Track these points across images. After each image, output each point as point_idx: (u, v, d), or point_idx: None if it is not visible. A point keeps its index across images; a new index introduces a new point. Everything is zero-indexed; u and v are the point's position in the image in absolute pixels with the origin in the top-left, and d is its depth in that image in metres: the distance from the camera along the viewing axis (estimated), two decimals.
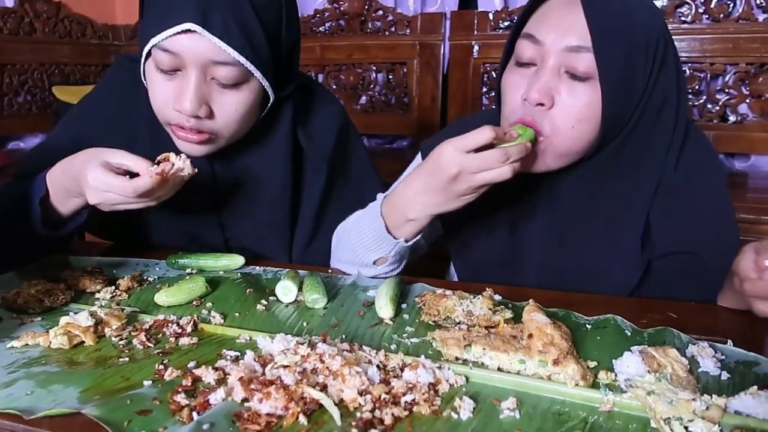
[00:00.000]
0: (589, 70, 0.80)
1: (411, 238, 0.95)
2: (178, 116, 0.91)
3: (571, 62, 0.80)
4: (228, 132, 0.96)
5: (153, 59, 0.90)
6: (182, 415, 0.60)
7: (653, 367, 0.66)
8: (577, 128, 0.82)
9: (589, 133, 0.83)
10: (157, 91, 0.93)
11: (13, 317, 0.85)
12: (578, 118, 0.81)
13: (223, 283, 0.96)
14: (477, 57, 2.28)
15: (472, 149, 0.80)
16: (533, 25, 0.85)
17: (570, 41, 0.80)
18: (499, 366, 0.69)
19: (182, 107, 0.89)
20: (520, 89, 0.85)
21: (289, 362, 0.65)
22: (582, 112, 0.81)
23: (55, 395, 0.64)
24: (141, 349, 0.75)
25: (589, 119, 0.81)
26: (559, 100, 0.82)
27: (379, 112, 2.52)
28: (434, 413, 0.60)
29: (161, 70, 0.90)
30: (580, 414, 0.61)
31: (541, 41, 0.82)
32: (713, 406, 0.58)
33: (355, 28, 2.49)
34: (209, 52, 0.87)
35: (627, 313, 0.81)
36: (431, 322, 0.81)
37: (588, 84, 0.81)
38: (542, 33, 0.83)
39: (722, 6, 1.93)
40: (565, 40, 0.80)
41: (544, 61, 0.82)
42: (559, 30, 0.81)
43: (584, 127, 0.82)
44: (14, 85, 2.47)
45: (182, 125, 0.92)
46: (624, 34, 0.81)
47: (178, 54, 0.87)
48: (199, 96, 0.89)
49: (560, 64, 0.81)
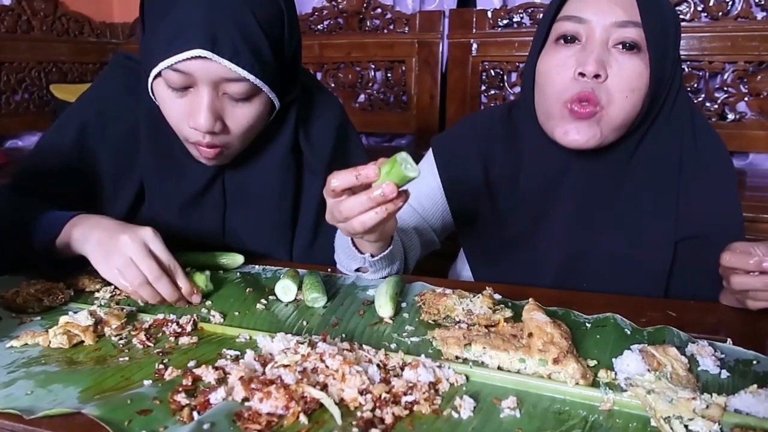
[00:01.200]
0: (636, 42, 0.83)
1: (377, 252, 0.92)
2: (195, 133, 0.92)
3: (620, 36, 0.83)
4: (239, 142, 0.97)
5: (163, 79, 0.90)
6: (183, 414, 0.59)
7: (653, 366, 0.66)
8: (630, 98, 0.84)
9: (638, 104, 0.85)
10: (170, 109, 0.93)
11: (13, 316, 0.85)
12: (631, 87, 0.84)
13: (222, 282, 0.95)
14: (476, 55, 2.28)
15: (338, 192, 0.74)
16: (573, 7, 0.87)
17: (618, 17, 0.83)
18: (499, 365, 0.69)
19: (197, 124, 0.89)
20: (569, 66, 0.86)
21: (290, 361, 0.65)
22: (634, 81, 0.84)
23: (54, 395, 0.64)
24: (141, 348, 0.75)
25: (640, 89, 0.84)
26: (611, 72, 0.84)
27: (378, 111, 2.52)
28: (435, 412, 0.60)
29: (172, 89, 0.90)
30: (581, 413, 0.61)
31: (586, 20, 0.85)
32: (713, 404, 0.58)
33: (354, 26, 2.49)
34: (220, 72, 0.87)
35: (627, 312, 0.81)
36: (431, 321, 0.81)
37: (636, 56, 0.84)
38: (586, 13, 0.85)
39: (721, 4, 1.93)
40: (611, 17, 0.83)
41: (590, 38, 0.85)
42: (602, 8, 0.83)
43: (636, 97, 0.84)
44: (12, 84, 2.46)
45: (199, 142, 0.93)
46: (661, 12, 0.86)
47: (189, 74, 0.87)
48: (213, 112, 0.89)
49: (608, 38, 0.84)
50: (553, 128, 0.89)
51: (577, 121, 0.86)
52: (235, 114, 0.92)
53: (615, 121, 0.86)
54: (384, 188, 0.70)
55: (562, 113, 0.87)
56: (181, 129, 0.94)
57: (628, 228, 0.95)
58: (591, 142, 0.87)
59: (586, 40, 0.85)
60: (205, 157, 0.96)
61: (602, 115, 0.85)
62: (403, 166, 0.71)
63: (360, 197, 0.71)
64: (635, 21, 0.83)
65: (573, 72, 0.85)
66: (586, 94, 0.84)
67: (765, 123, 1.95)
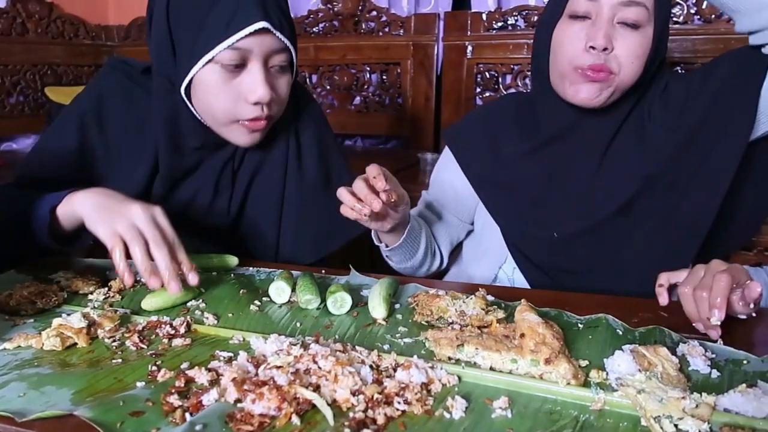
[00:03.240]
0: (638, 19, 0.95)
1: (391, 243, 1.08)
2: (253, 109, 0.98)
3: (624, 14, 0.95)
4: (278, 114, 1.05)
5: (217, 61, 0.95)
6: (175, 416, 0.60)
7: (644, 366, 0.67)
8: (635, 63, 0.97)
9: (640, 69, 0.98)
10: (222, 92, 0.97)
11: (6, 319, 0.85)
12: (636, 55, 0.96)
13: (216, 283, 0.96)
14: (470, 57, 2.28)
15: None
16: None
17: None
18: (491, 365, 0.69)
19: (260, 96, 0.96)
20: (580, 39, 0.98)
21: (282, 363, 0.66)
22: (636, 50, 0.96)
23: (47, 397, 0.64)
24: (134, 350, 0.75)
25: (642, 56, 0.97)
26: (616, 44, 0.96)
27: (373, 113, 2.52)
28: (427, 413, 0.61)
29: (227, 69, 0.96)
30: (572, 413, 0.61)
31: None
32: (703, 404, 0.58)
33: (349, 29, 2.49)
34: (273, 44, 0.96)
35: (618, 312, 0.82)
36: (424, 322, 0.81)
37: (637, 31, 0.96)
38: None
39: (713, 7, 1.94)
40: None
41: (599, 15, 0.96)
42: None
43: (639, 63, 0.97)
44: (6, 86, 2.46)
45: (258, 117, 0.99)
46: None
47: (246, 50, 0.94)
48: (269, 83, 0.98)
49: (613, 16, 0.96)
50: (565, 88, 1.01)
51: (589, 83, 0.97)
52: (279, 84, 1.01)
53: (624, 83, 0.98)
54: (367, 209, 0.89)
55: (573, 75, 0.99)
56: (236, 110, 0.99)
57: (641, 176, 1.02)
58: (598, 100, 0.99)
59: (596, 17, 0.96)
60: (256, 131, 1.02)
61: (615, 80, 0.97)
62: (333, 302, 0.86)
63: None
64: (639, 1, 0.94)
65: (584, 44, 0.97)
66: (599, 65, 0.96)
67: None
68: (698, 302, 0.77)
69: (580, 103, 0.99)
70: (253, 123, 1.00)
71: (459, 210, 1.21)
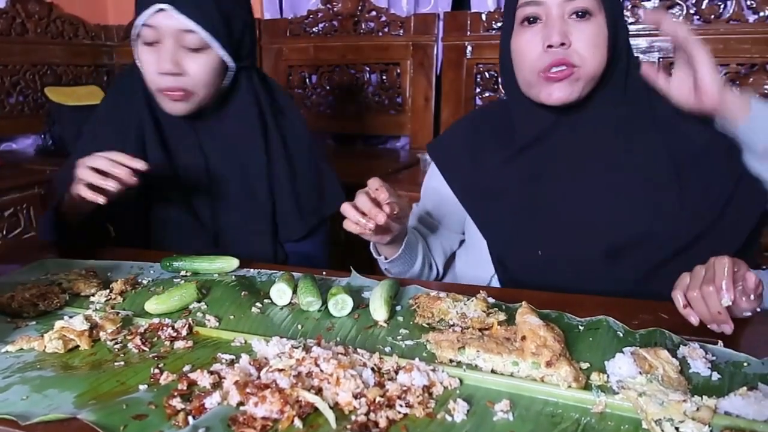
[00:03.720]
0: (588, 6, 0.95)
1: (389, 256, 1.08)
2: (164, 79, 1.12)
3: (573, 7, 0.95)
4: (199, 89, 1.15)
5: (140, 36, 1.13)
6: (178, 419, 0.60)
7: (645, 369, 0.67)
8: (595, 53, 0.97)
9: (603, 57, 0.98)
10: (146, 63, 1.14)
11: (8, 321, 0.85)
12: (594, 44, 0.96)
13: (217, 285, 0.96)
14: (470, 57, 2.28)
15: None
16: None
17: None
18: (492, 368, 0.69)
19: (163, 68, 1.11)
20: (536, 43, 0.98)
21: (285, 366, 0.66)
22: (593, 40, 0.96)
23: (50, 400, 0.64)
24: (136, 352, 0.75)
25: (601, 45, 0.97)
26: (573, 38, 0.96)
27: (373, 113, 2.52)
28: (428, 416, 0.61)
29: (146, 44, 1.13)
30: (573, 415, 0.62)
31: (541, 1, 0.97)
32: (703, 407, 0.58)
33: (349, 29, 2.49)
34: (178, 24, 1.10)
35: (619, 314, 0.82)
36: (425, 324, 0.82)
37: (590, 21, 0.96)
38: None
39: (713, 7, 1.95)
40: None
41: (549, 15, 0.97)
42: None
43: (599, 52, 0.97)
44: (6, 86, 2.46)
45: (168, 87, 1.13)
46: None
47: (156, 27, 1.10)
48: (174, 58, 1.11)
49: (562, 12, 0.96)
50: (537, 94, 1.00)
51: (556, 83, 0.97)
52: (191, 62, 1.13)
53: (590, 72, 0.98)
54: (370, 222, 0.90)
55: (539, 81, 0.98)
56: (155, 80, 1.14)
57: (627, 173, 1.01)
58: (573, 95, 0.98)
59: (546, 18, 0.97)
60: (173, 100, 1.15)
61: (579, 73, 0.97)
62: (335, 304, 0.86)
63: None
64: None
65: (542, 46, 0.97)
66: (560, 59, 0.96)
67: None
68: (706, 298, 0.76)
69: (556, 104, 0.99)
70: (169, 93, 1.14)
71: (449, 221, 1.20)
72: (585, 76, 0.97)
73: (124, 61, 2.89)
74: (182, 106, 1.16)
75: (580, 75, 0.97)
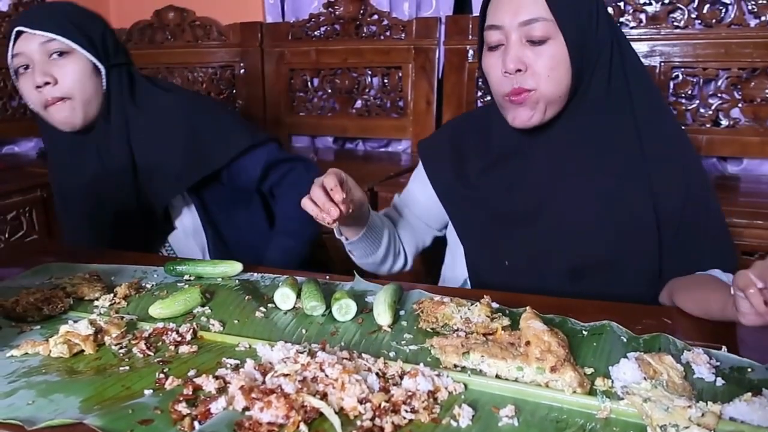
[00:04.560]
0: (543, 34, 0.95)
1: (351, 237, 1.09)
2: (40, 95, 1.21)
3: (528, 32, 0.96)
4: (75, 93, 1.23)
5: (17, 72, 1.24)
6: (184, 424, 0.60)
7: (649, 374, 0.67)
8: (553, 75, 0.97)
9: (563, 77, 0.98)
10: (25, 91, 1.25)
11: (12, 325, 0.85)
12: (550, 67, 0.96)
13: (221, 290, 0.96)
14: (472, 61, 2.28)
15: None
16: (491, 16, 1.00)
17: (522, 17, 0.96)
18: (497, 373, 0.69)
19: (37, 81, 1.20)
20: (498, 67, 0.99)
21: (290, 371, 0.66)
22: (549, 63, 0.96)
23: (56, 405, 0.64)
24: (141, 357, 0.76)
25: (558, 67, 0.97)
26: (529, 62, 0.97)
27: (375, 116, 2.52)
28: (434, 421, 0.61)
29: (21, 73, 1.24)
30: (578, 421, 0.62)
31: (501, 25, 0.98)
32: (708, 413, 0.58)
33: (351, 33, 2.50)
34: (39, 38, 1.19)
35: (622, 319, 0.82)
36: (429, 329, 0.82)
37: (547, 44, 0.96)
38: (499, 19, 0.98)
39: (714, 11, 1.95)
40: (518, 17, 0.96)
41: (508, 40, 0.97)
42: (510, 12, 0.97)
43: (558, 74, 0.97)
44: (8, 89, 2.46)
45: (47, 100, 1.22)
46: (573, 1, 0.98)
47: (21, 52, 1.21)
48: (44, 69, 1.20)
49: (521, 37, 0.96)
50: (505, 115, 1.03)
51: (519, 106, 0.99)
52: (60, 70, 1.22)
53: (549, 95, 0.98)
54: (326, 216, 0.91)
55: (504, 103, 1.01)
56: (36, 99, 1.23)
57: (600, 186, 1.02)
58: (535, 119, 0.99)
59: (506, 42, 0.98)
60: (55, 110, 1.23)
61: (537, 96, 0.98)
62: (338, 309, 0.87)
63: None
64: (538, 16, 0.95)
65: (501, 71, 0.99)
66: (516, 89, 0.97)
67: (758, 129, 1.96)
68: None
69: (519, 127, 1.00)
70: (50, 106, 1.23)
71: (428, 216, 1.23)
72: (544, 98, 0.98)
73: None
74: (66, 114, 1.24)
75: (537, 98, 0.97)
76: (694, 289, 0.92)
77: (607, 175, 1.01)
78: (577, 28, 0.97)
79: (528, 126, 1.00)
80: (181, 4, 2.73)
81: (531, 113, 0.99)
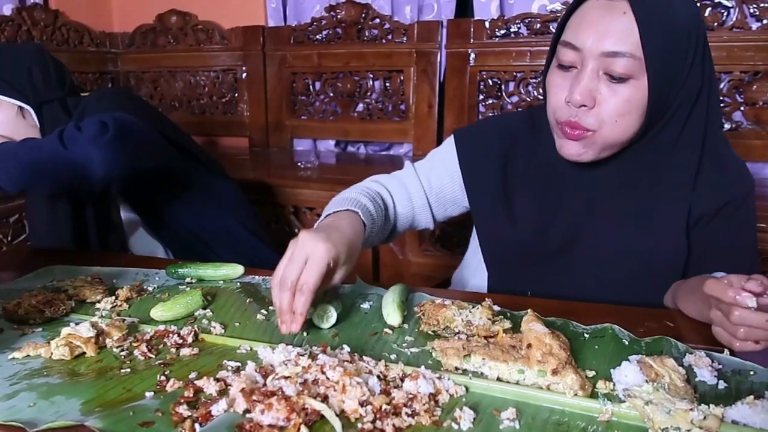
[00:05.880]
0: (626, 72, 0.84)
1: None
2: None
3: (609, 66, 0.85)
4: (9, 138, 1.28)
5: None
6: (185, 426, 0.60)
7: (651, 377, 0.67)
8: (620, 122, 0.87)
9: (632, 125, 0.88)
10: None
11: (14, 328, 0.85)
12: (620, 113, 0.86)
13: (222, 292, 0.96)
14: (473, 65, 2.29)
15: None
16: (571, 33, 0.89)
17: (606, 47, 0.84)
18: (498, 376, 0.69)
19: None
20: (563, 90, 0.89)
21: (291, 373, 0.66)
22: (622, 108, 0.86)
23: (57, 407, 0.64)
24: (142, 359, 0.76)
25: (630, 113, 0.86)
26: (600, 99, 0.86)
27: (376, 120, 2.53)
28: (435, 424, 0.61)
29: None
30: (579, 424, 0.62)
31: (580, 48, 0.87)
32: (710, 416, 0.58)
33: (352, 36, 2.50)
34: None
35: (624, 322, 0.82)
36: (430, 331, 0.82)
37: (626, 84, 0.85)
38: (580, 40, 0.87)
39: (716, 15, 1.95)
40: (602, 46, 0.84)
41: (583, 65, 0.87)
42: (594, 35, 0.85)
43: (626, 121, 0.87)
44: None
45: None
46: (669, 31, 0.84)
47: None
48: None
49: (599, 67, 0.86)
50: (556, 140, 0.95)
51: (570, 140, 0.91)
52: None
53: (607, 141, 0.89)
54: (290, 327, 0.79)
55: (557, 129, 0.93)
56: None
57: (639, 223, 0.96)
58: (584, 157, 0.91)
59: (581, 68, 0.88)
60: None
61: (594, 138, 0.89)
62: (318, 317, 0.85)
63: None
64: (625, 51, 0.83)
65: (564, 98, 0.89)
66: (573, 122, 0.89)
67: (761, 132, 1.97)
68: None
69: (566, 158, 0.93)
70: None
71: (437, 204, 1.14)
72: (602, 141, 0.89)
73: (129, 68, 2.91)
74: None
75: (595, 139, 0.89)
76: (695, 291, 0.92)
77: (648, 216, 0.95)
78: (667, 71, 0.85)
79: (577, 160, 0.92)
80: (184, 8, 2.74)
81: (583, 150, 0.90)
